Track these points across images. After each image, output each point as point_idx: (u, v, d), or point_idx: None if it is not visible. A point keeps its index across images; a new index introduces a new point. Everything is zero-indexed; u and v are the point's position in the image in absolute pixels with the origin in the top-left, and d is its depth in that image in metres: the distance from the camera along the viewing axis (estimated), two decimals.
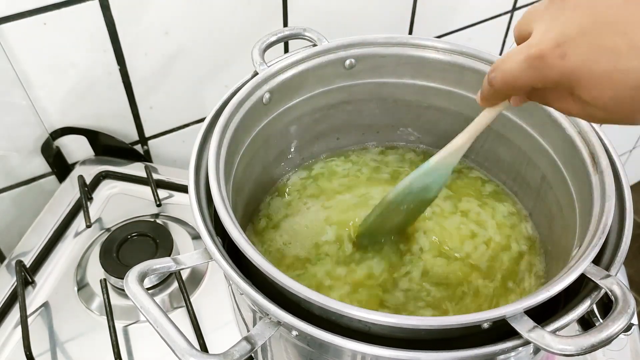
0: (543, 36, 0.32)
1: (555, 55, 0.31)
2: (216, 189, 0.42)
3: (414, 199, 0.48)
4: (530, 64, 0.32)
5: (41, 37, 0.62)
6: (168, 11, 0.67)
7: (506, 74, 0.35)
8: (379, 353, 0.35)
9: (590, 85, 0.30)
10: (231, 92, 0.50)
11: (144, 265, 0.38)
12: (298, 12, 0.75)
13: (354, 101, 0.57)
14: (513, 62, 0.34)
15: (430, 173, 0.46)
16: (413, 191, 0.48)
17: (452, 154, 0.45)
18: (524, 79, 0.33)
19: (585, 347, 0.33)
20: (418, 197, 0.48)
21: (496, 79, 0.36)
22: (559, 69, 0.31)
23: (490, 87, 0.36)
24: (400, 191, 0.48)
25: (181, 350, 0.35)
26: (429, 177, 0.47)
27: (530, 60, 0.32)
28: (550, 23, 0.32)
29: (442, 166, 0.46)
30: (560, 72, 0.31)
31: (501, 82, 0.35)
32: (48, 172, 0.74)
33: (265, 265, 0.37)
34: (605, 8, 0.30)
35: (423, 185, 0.47)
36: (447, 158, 0.46)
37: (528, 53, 0.32)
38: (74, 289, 0.62)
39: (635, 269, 1.36)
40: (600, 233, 0.39)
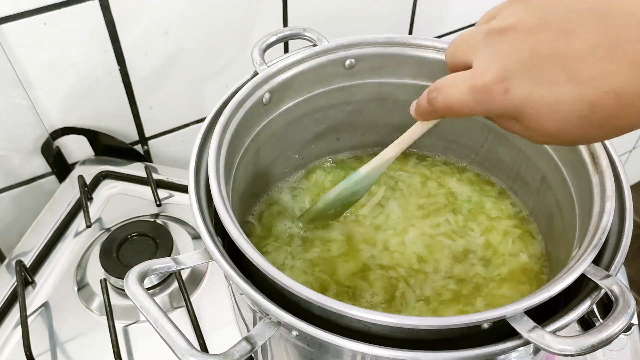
0: (486, 69, 0.32)
1: (499, 90, 0.31)
2: (216, 189, 0.42)
3: (342, 203, 0.52)
4: (475, 96, 0.33)
5: (41, 37, 0.62)
6: (168, 11, 0.67)
7: (449, 100, 0.35)
8: (379, 353, 0.35)
9: (533, 117, 0.31)
10: (231, 92, 0.50)
11: (144, 265, 0.38)
12: (298, 12, 0.75)
13: (354, 101, 0.57)
14: (457, 90, 0.34)
15: (360, 182, 0.49)
16: (341, 199, 0.51)
17: (381, 165, 0.48)
18: (467, 108, 0.34)
19: (585, 347, 0.33)
20: (345, 201, 0.52)
21: (437, 100, 0.36)
22: (503, 103, 0.32)
23: (429, 106, 0.37)
24: (330, 201, 0.51)
25: (181, 350, 0.35)
26: (357, 185, 0.49)
27: (475, 93, 0.33)
28: (491, 57, 0.32)
29: (370, 175, 0.49)
30: (504, 105, 0.32)
31: (442, 106, 0.36)
32: (48, 172, 0.74)
33: (265, 265, 0.37)
34: (542, 41, 0.30)
35: (352, 192, 0.50)
36: (376, 169, 0.48)
37: (473, 84, 0.33)
38: (74, 289, 0.62)
39: (635, 269, 1.36)
40: (600, 233, 0.39)
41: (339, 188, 0.50)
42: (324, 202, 0.52)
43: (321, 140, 0.61)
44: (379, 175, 0.49)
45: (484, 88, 0.32)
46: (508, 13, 0.32)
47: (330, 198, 0.51)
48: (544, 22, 0.30)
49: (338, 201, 0.51)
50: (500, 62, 0.31)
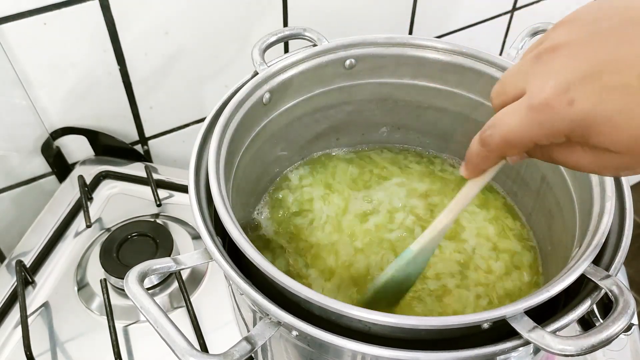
0: (543, 86, 0.29)
1: (563, 103, 0.28)
2: (216, 189, 0.42)
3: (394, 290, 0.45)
4: (535, 117, 0.29)
5: (41, 37, 0.62)
6: (168, 11, 0.67)
7: (506, 131, 0.31)
8: (379, 353, 0.35)
9: (606, 128, 0.28)
10: (231, 92, 0.50)
11: (144, 265, 0.38)
12: (298, 12, 0.75)
13: (354, 101, 0.57)
14: (513, 117, 0.30)
15: (413, 261, 0.43)
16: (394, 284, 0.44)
17: (435, 237, 0.41)
18: (529, 134, 0.30)
19: (585, 347, 0.33)
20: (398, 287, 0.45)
21: (493, 137, 0.32)
22: (569, 117, 0.28)
23: (483, 149, 0.33)
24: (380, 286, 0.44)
25: (181, 350, 0.35)
26: (411, 266, 0.43)
27: (535, 113, 0.29)
28: (546, 74, 0.29)
29: (424, 251, 0.42)
30: (570, 120, 0.28)
31: (500, 141, 0.32)
32: (48, 172, 0.74)
33: (266, 265, 0.37)
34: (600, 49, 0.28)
35: (405, 275, 0.44)
36: (429, 243, 0.42)
37: (530, 104, 0.29)
38: (74, 289, 0.62)
39: (635, 269, 1.36)
40: (600, 233, 0.39)
41: (389, 272, 0.43)
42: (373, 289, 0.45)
43: (321, 140, 0.61)
44: (434, 250, 0.43)
45: (545, 104, 0.29)
46: (555, 35, 0.30)
47: (380, 285, 0.44)
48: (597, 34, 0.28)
49: (390, 288, 0.44)
50: (559, 76, 0.28)
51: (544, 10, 0.97)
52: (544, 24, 0.53)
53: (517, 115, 0.30)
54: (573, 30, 0.30)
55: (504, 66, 0.51)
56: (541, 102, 0.29)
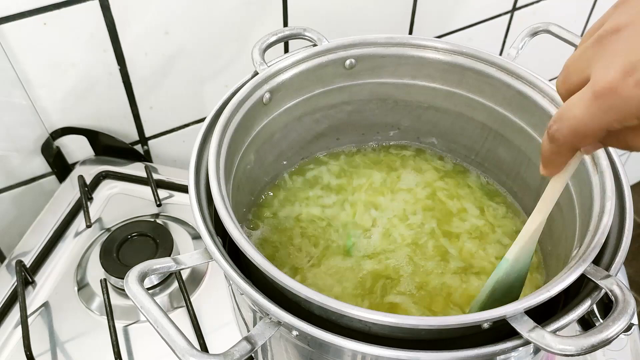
0: (607, 71, 0.28)
1: (629, 85, 0.27)
2: (216, 189, 0.42)
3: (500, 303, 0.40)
4: (602, 103, 0.28)
5: (41, 37, 0.62)
6: (168, 11, 0.67)
7: (573, 122, 0.30)
8: (379, 353, 0.35)
9: None
10: (231, 92, 0.50)
11: (144, 265, 0.38)
12: (298, 12, 0.75)
13: (354, 101, 0.57)
14: (579, 106, 0.29)
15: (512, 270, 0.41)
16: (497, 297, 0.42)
17: (529, 241, 0.40)
18: (598, 121, 0.29)
19: (585, 347, 0.33)
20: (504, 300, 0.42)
21: (561, 131, 0.31)
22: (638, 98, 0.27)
23: (554, 144, 0.32)
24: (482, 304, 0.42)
25: (181, 350, 0.35)
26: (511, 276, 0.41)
27: (601, 98, 0.28)
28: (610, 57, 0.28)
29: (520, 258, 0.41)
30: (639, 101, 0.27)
31: (569, 133, 0.31)
32: (48, 172, 0.74)
33: (266, 265, 0.37)
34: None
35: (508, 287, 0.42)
36: (524, 247, 0.40)
37: (595, 90, 0.28)
38: (74, 289, 0.62)
39: (635, 269, 1.36)
40: (600, 233, 0.39)
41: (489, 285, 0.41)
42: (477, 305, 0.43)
43: (321, 140, 0.61)
44: (531, 255, 0.41)
45: (610, 88, 0.28)
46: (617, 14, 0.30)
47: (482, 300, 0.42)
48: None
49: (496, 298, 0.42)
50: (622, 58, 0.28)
51: (544, 10, 0.97)
52: (544, 23, 0.53)
53: (582, 104, 0.29)
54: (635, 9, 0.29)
55: (504, 66, 0.51)
56: (606, 87, 0.28)
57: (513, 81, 0.51)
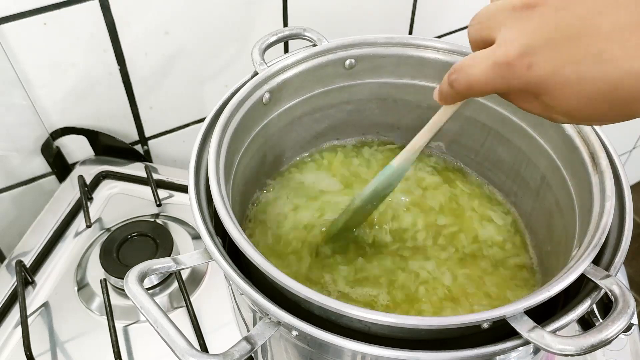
0: (510, 45, 0.32)
1: (523, 65, 0.31)
2: (216, 189, 0.42)
3: (377, 198, 0.52)
4: (497, 72, 0.32)
5: (41, 37, 0.62)
6: (168, 11, 0.67)
7: (470, 79, 0.34)
8: (379, 353, 0.35)
9: (555, 94, 0.31)
10: (231, 92, 0.50)
11: (144, 265, 0.38)
12: (298, 12, 0.75)
13: (354, 101, 0.57)
14: (479, 68, 0.33)
15: (392, 175, 0.49)
16: (378, 193, 0.51)
17: (412, 154, 0.47)
18: (489, 86, 0.33)
19: (585, 347, 0.33)
20: (380, 195, 0.52)
21: (459, 81, 0.35)
22: (525, 79, 0.31)
23: (451, 89, 0.36)
24: (366, 196, 0.51)
25: (181, 350, 0.35)
26: (391, 178, 0.49)
27: (497, 68, 0.32)
28: (516, 32, 0.32)
29: (403, 166, 0.49)
30: (526, 81, 0.31)
31: (464, 86, 0.35)
32: (48, 172, 0.74)
33: (265, 265, 0.37)
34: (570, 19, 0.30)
35: (386, 185, 0.50)
36: (407, 158, 0.48)
37: (495, 60, 0.32)
38: (74, 289, 0.63)
39: (635, 269, 1.36)
40: (600, 233, 0.39)
41: (375, 183, 0.50)
42: (361, 199, 0.51)
43: (321, 140, 0.61)
44: (410, 165, 0.49)
45: (507, 63, 0.32)
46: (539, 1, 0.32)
47: (367, 194, 0.50)
48: None
49: (374, 197, 0.51)
50: (527, 38, 0.31)
51: None
52: None
53: (481, 68, 0.33)
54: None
55: None
56: (504, 61, 0.32)
57: None
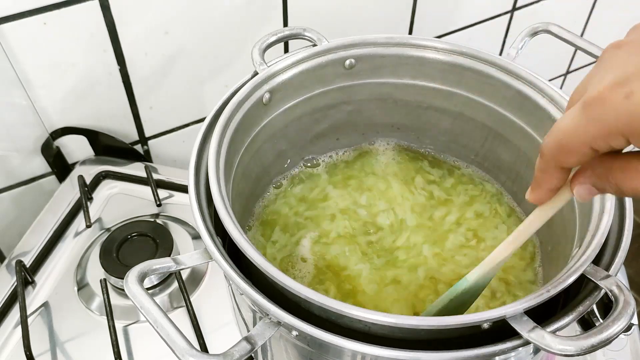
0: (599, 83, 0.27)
1: (619, 96, 0.26)
2: (216, 189, 0.42)
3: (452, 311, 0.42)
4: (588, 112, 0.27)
5: (41, 37, 0.62)
6: (168, 11, 0.67)
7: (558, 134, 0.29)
8: (379, 353, 0.35)
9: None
10: (231, 92, 0.50)
11: (144, 265, 0.38)
12: (298, 12, 0.75)
13: (354, 101, 0.57)
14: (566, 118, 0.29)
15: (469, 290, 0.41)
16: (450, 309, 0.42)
17: (493, 268, 0.39)
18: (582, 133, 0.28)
19: (585, 347, 0.33)
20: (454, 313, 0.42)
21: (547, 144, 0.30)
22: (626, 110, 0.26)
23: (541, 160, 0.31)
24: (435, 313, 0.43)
25: (181, 351, 0.35)
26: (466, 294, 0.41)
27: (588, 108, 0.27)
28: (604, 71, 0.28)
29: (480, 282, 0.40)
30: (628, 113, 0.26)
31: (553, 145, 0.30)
32: (48, 172, 0.74)
33: (265, 265, 0.37)
34: None
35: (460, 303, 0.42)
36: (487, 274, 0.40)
37: (584, 101, 0.28)
38: (74, 289, 0.62)
39: (635, 269, 1.36)
40: (600, 233, 0.39)
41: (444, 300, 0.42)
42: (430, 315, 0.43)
43: (321, 140, 0.61)
44: (491, 279, 0.41)
45: (598, 98, 0.27)
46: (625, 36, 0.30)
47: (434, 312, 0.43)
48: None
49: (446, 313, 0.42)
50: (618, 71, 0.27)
51: (544, 10, 0.97)
52: (544, 23, 0.53)
53: (570, 115, 0.29)
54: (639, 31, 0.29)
55: (503, 66, 0.51)
56: (595, 97, 0.27)
57: (513, 81, 0.51)
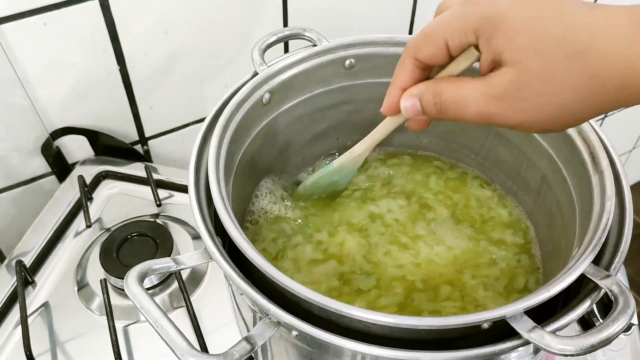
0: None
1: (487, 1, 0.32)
2: (216, 189, 0.42)
3: (325, 190, 0.55)
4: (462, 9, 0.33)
5: (41, 37, 0.62)
6: (168, 11, 0.67)
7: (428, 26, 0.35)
8: (379, 353, 0.35)
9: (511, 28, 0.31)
10: (231, 92, 0.50)
11: (144, 265, 0.38)
12: (298, 12, 0.75)
13: (354, 101, 0.57)
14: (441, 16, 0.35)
15: (335, 173, 0.52)
16: (322, 185, 0.54)
17: (352, 160, 0.50)
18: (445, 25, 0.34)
19: (585, 347, 0.33)
20: (328, 189, 0.55)
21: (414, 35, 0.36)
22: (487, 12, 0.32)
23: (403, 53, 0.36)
24: (308, 186, 0.55)
25: (181, 351, 0.35)
26: (334, 176, 0.52)
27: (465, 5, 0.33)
28: None
29: (345, 168, 0.51)
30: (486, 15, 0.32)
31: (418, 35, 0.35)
32: (48, 172, 0.74)
33: (265, 265, 0.37)
34: None
35: (330, 182, 0.53)
36: (349, 162, 0.50)
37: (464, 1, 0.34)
38: (74, 289, 0.63)
39: (635, 269, 1.36)
40: (600, 233, 0.39)
41: (315, 177, 0.54)
42: (303, 189, 0.55)
43: (321, 140, 0.61)
44: (355, 170, 0.52)
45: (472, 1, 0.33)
46: None
47: (308, 185, 0.54)
48: None
49: (317, 189, 0.54)
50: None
51: None
52: None
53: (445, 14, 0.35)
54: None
55: None
56: None
57: None
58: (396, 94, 0.38)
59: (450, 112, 0.35)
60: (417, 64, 0.36)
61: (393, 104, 0.39)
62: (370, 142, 0.47)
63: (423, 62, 0.36)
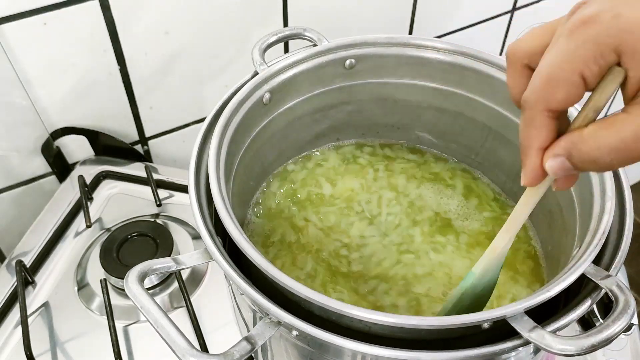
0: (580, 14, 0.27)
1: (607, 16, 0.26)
2: (216, 189, 0.42)
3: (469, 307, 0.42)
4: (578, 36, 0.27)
5: (41, 37, 0.62)
6: (168, 11, 0.67)
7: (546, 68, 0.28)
8: (379, 353, 0.35)
9: None
10: (231, 92, 0.50)
11: (144, 265, 0.38)
12: (298, 12, 0.75)
13: (354, 101, 0.57)
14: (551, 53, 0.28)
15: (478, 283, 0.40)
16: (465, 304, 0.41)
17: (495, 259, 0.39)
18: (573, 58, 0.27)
19: (585, 347, 0.33)
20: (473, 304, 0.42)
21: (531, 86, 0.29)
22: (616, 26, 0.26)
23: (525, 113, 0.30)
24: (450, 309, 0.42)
25: (181, 350, 0.35)
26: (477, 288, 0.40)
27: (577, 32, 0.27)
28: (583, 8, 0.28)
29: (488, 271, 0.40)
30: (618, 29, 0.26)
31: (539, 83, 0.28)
32: (48, 172, 0.74)
33: (266, 265, 0.37)
34: None
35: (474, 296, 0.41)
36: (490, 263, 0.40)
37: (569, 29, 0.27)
38: (74, 289, 0.63)
39: (635, 269, 1.36)
40: (601, 233, 0.39)
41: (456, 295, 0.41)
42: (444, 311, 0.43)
43: (321, 140, 0.61)
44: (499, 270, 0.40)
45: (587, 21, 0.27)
46: None
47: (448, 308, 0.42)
48: None
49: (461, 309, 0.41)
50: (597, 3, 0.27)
51: (544, 10, 0.98)
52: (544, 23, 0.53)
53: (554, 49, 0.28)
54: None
55: (504, 66, 0.51)
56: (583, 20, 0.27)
57: None
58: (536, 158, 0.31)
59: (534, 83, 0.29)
60: (551, 115, 0.30)
61: (536, 169, 0.32)
62: (514, 229, 0.38)
63: (558, 111, 0.30)
